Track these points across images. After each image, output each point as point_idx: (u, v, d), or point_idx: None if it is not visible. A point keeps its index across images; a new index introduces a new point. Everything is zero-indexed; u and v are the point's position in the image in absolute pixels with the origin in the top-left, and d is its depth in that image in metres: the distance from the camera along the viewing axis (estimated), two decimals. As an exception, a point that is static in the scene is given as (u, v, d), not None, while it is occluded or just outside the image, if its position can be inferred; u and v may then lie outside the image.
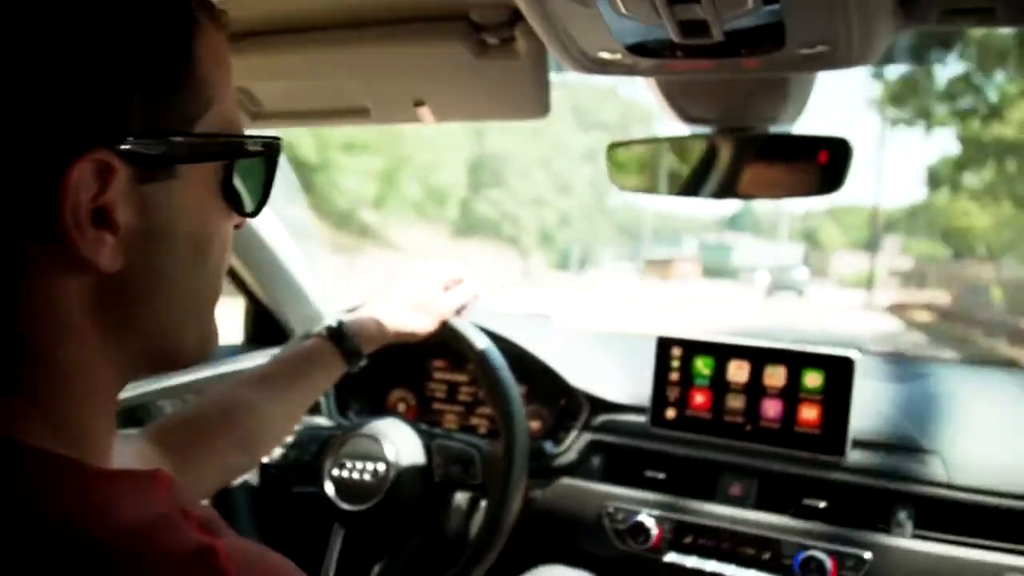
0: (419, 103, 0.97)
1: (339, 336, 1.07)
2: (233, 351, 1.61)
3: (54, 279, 0.43)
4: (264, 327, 1.60)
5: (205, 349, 0.54)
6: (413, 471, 1.18)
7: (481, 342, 1.20)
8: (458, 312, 1.20)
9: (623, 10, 0.66)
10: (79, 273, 0.44)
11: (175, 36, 0.46)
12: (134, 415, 1.36)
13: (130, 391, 1.34)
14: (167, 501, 0.44)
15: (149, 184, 0.45)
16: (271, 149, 0.54)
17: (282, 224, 1.49)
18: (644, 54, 0.79)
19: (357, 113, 1.02)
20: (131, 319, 0.48)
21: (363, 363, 1.09)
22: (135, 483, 0.44)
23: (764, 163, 0.97)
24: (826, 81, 0.95)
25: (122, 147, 0.43)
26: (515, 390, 1.17)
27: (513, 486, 1.12)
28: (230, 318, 1.68)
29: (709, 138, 0.98)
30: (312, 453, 1.23)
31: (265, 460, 1.35)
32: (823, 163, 0.90)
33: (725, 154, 0.98)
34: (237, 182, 0.52)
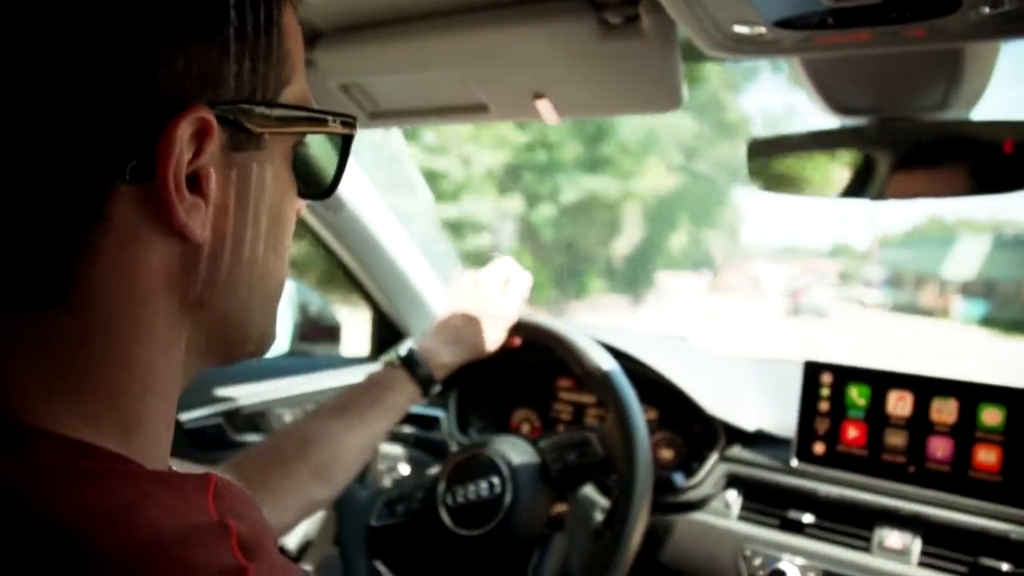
0: (538, 96, 0.90)
1: (412, 363, 1.09)
2: (361, 362, 1.61)
3: (140, 243, 0.40)
4: (390, 339, 1.58)
5: (265, 343, 0.52)
6: (528, 475, 1.10)
7: (605, 362, 1.11)
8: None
9: (761, -35, 0.57)
10: (166, 240, 0.41)
11: (268, 6, 0.44)
12: (254, 422, 1.36)
13: (252, 399, 1.35)
14: (208, 508, 0.39)
15: (238, 153, 0.44)
16: (349, 128, 0.51)
17: (405, 229, 1.47)
18: (790, 27, 0.70)
19: (475, 109, 0.97)
20: (209, 295, 0.45)
21: (437, 389, 1.12)
22: (176, 485, 0.40)
23: (934, 158, 0.84)
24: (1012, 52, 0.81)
25: (220, 109, 0.41)
26: (639, 413, 1.08)
27: (633, 520, 1.02)
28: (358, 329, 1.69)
29: (865, 130, 0.86)
30: (425, 486, 1.17)
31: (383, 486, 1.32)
32: (1009, 154, 0.76)
33: (886, 149, 0.86)
34: (311, 160, 0.50)
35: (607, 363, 1.13)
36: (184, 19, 0.39)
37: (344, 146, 0.52)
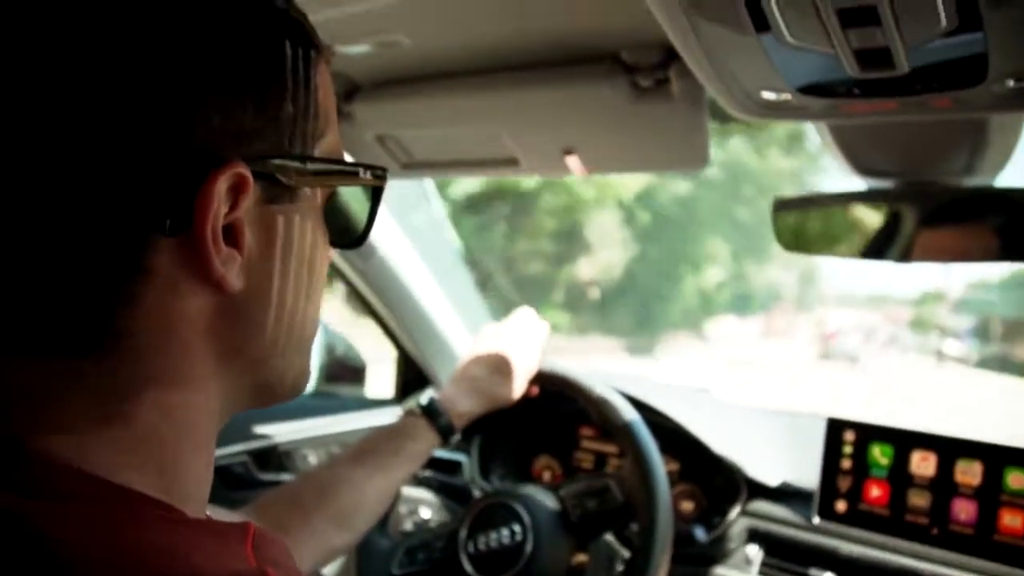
0: (568, 151, 0.93)
1: (432, 412, 1.10)
2: (386, 404, 1.62)
3: (178, 294, 0.41)
4: (415, 381, 1.60)
5: (300, 385, 0.53)
6: (549, 522, 1.10)
7: (627, 413, 1.12)
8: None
9: (788, 38, 0.58)
10: (204, 290, 0.42)
11: (304, 62, 0.46)
12: (280, 461, 1.37)
13: (278, 439, 1.36)
14: (247, 556, 0.40)
15: (273, 205, 0.45)
16: (380, 179, 0.53)
17: (433, 274, 1.49)
18: (816, 94, 0.71)
19: (506, 163, 0.99)
20: (244, 343, 0.46)
21: (457, 438, 1.12)
22: (216, 533, 0.41)
23: (957, 221, 0.84)
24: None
25: (256, 164, 0.42)
26: (659, 460, 1.08)
27: (654, 570, 1.02)
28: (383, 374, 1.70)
29: (890, 193, 0.87)
30: (446, 534, 1.17)
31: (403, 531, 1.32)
32: (1034, 220, 0.77)
33: (909, 211, 0.86)
34: (343, 210, 0.52)
35: (628, 412, 1.13)
36: (221, 76, 0.40)
37: (375, 197, 0.53)
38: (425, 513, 1.39)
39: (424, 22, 0.80)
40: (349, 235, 0.53)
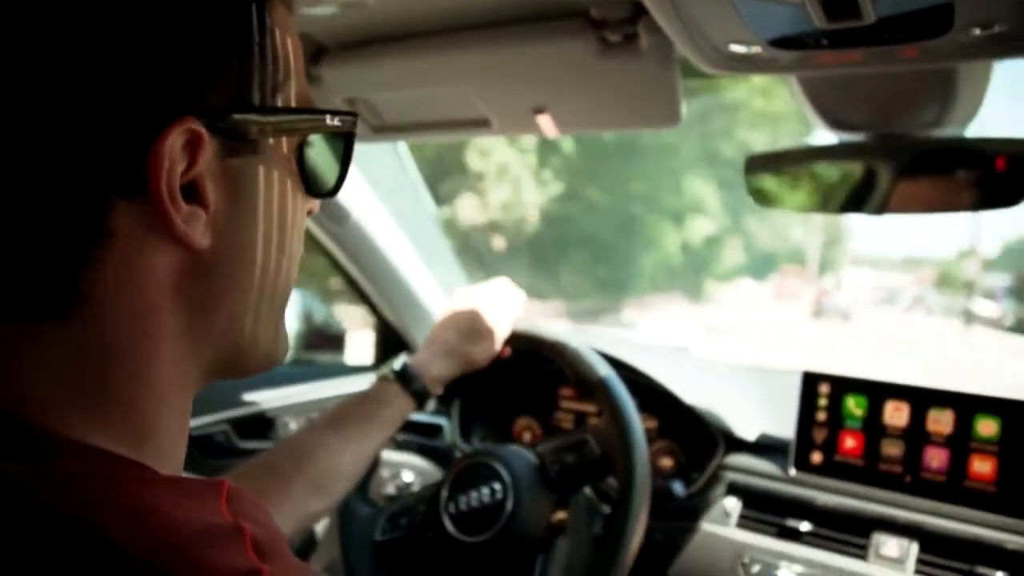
0: (539, 111, 0.92)
1: (405, 377, 1.11)
2: (364, 370, 1.62)
3: (143, 254, 0.41)
4: (394, 348, 1.60)
5: (275, 353, 0.52)
6: (528, 479, 1.11)
7: (602, 368, 1.12)
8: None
9: (755, -11, 0.58)
10: (169, 249, 0.42)
11: (257, 9, 0.45)
12: (259, 429, 1.38)
13: (258, 406, 1.36)
14: (223, 512, 0.40)
15: (235, 159, 0.44)
16: (348, 125, 0.52)
17: (408, 237, 1.48)
18: (784, 47, 0.71)
19: (477, 124, 0.98)
20: (214, 301, 0.45)
21: (431, 402, 1.14)
22: (191, 490, 0.41)
23: (929, 173, 0.85)
24: (1005, 70, 0.82)
25: (210, 118, 0.42)
26: (635, 413, 1.09)
27: (632, 523, 1.03)
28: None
29: (862, 146, 0.87)
30: (427, 497, 1.18)
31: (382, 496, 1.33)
32: (1001, 171, 0.77)
33: (882, 165, 0.87)
34: (315, 160, 0.50)
35: (603, 368, 1.14)
36: (162, 31, 0.40)
37: (347, 143, 0.52)
38: (407, 477, 1.40)
39: (389, -20, 0.79)
40: (323, 184, 0.52)
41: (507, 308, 1.21)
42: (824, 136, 0.91)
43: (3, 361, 0.40)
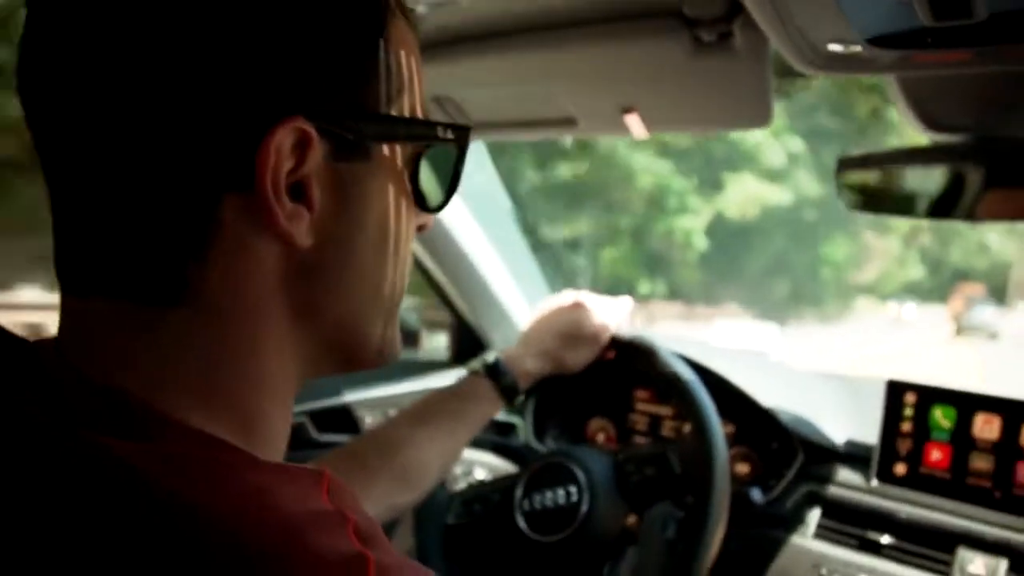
0: (628, 110, 0.92)
1: (496, 372, 1.09)
2: (440, 367, 1.64)
3: (248, 249, 0.42)
4: (470, 345, 1.61)
5: (386, 352, 0.53)
6: (605, 485, 1.10)
7: (682, 371, 1.12)
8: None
9: (862, -15, 0.57)
10: (273, 247, 0.43)
11: (373, 16, 0.45)
12: (337, 422, 1.40)
13: (336, 399, 1.39)
14: (324, 500, 0.41)
15: (343, 163, 0.45)
16: (461, 138, 0.51)
17: (488, 235, 1.50)
18: (886, 46, 0.69)
19: (564, 123, 0.99)
20: (320, 302, 0.46)
21: (520, 399, 1.12)
22: (296, 478, 0.42)
23: (1031, 178, 0.82)
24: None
25: (320, 120, 0.42)
26: (719, 427, 1.07)
27: (709, 534, 1.02)
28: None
29: (959, 148, 0.85)
30: (503, 488, 1.19)
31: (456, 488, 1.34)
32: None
33: (981, 167, 0.84)
34: (426, 173, 0.50)
35: (688, 375, 1.13)
36: (281, 33, 0.41)
37: (459, 156, 0.52)
38: (480, 474, 1.41)
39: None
40: (433, 199, 0.52)
41: (613, 316, 1.19)
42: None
43: (120, 344, 0.42)
